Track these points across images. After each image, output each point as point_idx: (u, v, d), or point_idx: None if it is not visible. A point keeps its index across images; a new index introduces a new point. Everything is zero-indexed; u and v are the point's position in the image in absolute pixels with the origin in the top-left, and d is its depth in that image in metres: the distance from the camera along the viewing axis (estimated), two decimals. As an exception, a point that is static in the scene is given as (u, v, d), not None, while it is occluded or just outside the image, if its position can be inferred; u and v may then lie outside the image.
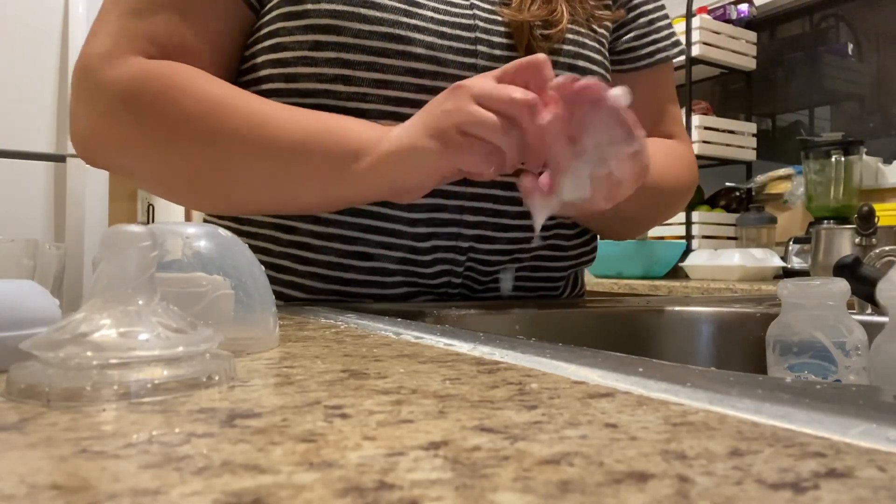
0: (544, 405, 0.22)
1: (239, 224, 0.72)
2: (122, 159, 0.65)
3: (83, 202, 2.21)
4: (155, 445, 0.18)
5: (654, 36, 0.81)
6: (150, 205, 2.41)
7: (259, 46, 0.67)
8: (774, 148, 2.28)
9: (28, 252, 0.41)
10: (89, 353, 0.24)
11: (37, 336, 0.25)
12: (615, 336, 0.68)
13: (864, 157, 1.87)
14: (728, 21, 2.17)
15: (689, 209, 2.04)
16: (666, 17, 0.83)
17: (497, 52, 0.67)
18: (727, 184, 2.21)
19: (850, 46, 2.15)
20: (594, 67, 0.72)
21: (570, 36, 0.70)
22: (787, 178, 2.06)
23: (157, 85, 0.60)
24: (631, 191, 0.58)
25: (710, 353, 0.68)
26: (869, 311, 0.63)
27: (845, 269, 0.55)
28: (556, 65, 0.69)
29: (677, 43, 0.83)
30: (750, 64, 2.19)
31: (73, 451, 0.17)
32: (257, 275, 0.38)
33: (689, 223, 2.03)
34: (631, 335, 0.68)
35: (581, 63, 0.71)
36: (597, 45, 0.74)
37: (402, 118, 0.62)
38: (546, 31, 0.68)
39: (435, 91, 0.63)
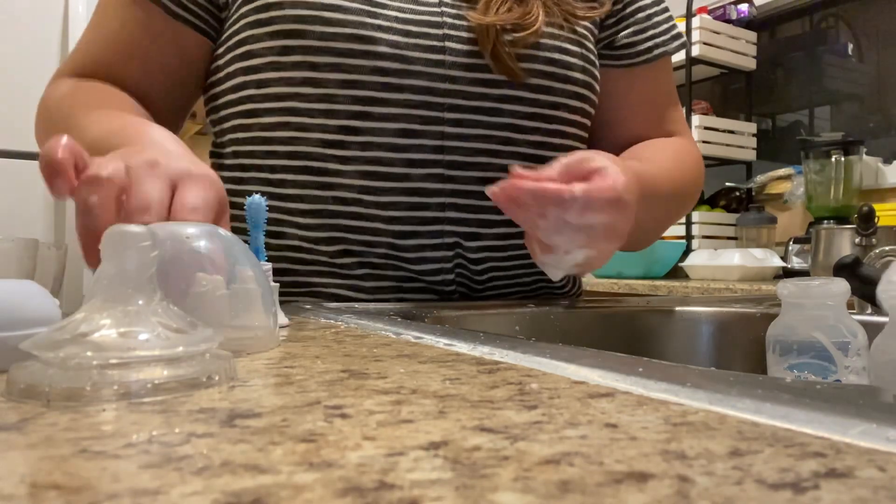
0: (544, 405, 0.22)
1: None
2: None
3: (83, 202, 2.21)
4: (155, 445, 0.18)
5: (653, 31, 0.80)
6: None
7: (230, 54, 0.68)
8: (774, 148, 2.28)
9: (28, 252, 0.41)
10: (89, 353, 0.24)
11: (37, 336, 0.25)
12: (615, 336, 0.68)
13: (864, 157, 1.87)
14: (728, 21, 2.17)
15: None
16: (665, 10, 0.82)
17: (467, 47, 0.66)
18: (727, 184, 2.21)
19: (850, 46, 2.15)
20: (574, 60, 0.71)
21: (545, 41, 0.69)
22: (787, 178, 2.06)
23: (59, 96, 0.66)
24: (614, 241, 0.57)
25: (710, 353, 0.68)
26: (869, 311, 0.63)
27: (845, 269, 0.55)
28: (532, 59, 0.68)
29: (678, 36, 0.81)
30: (750, 64, 2.19)
31: (73, 451, 0.17)
32: (258, 275, 0.38)
33: (689, 223, 2.03)
34: (631, 335, 0.68)
35: (559, 56, 0.70)
36: (576, 39, 0.72)
37: (370, 117, 0.64)
38: (515, 35, 0.67)
39: (402, 89, 0.64)
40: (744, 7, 2.18)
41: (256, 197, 0.45)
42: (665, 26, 0.80)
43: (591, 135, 0.80)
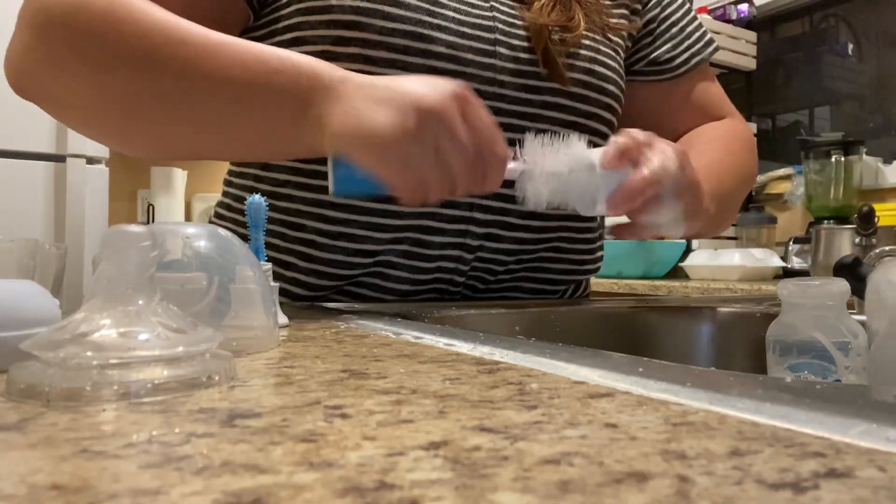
0: (544, 405, 0.22)
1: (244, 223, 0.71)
2: (54, 86, 0.59)
3: (83, 202, 2.21)
4: (155, 445, 0.18)
5: (688, 42, 0.83)
6: (150, 205, 2.41)
7: (276, 39, 0.66)
8: (774, 148, 2.28)
9: (28, 252, 0.41)
10: (89, 353, 0.24)
11: (37, 336, 0.25)
12: (615, 336, 0.68)
13: (864, 157, 1.87)
14: (728, 21, 2.17)
15: (689, 209, 2.04)
16: (695, 18, 0.85)
17: (516, 53, 0.68)
18: (727, 184, 2.21)
19: (850, 46, 2.15)
20: (609, 73, 0.74)
21: (585, 42, 0.72)
22: (787, 178, 2.06)
23: (99, 4, 0.54)
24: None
25: (710, 353, 0.68)
26: (869, 311, 0.62)
27: (845, 269, 0.55)
28: (572, 68, 0.70)
29: (710, 42, 0.84)
30: (750, 64, 2.19)
31: (73, 451, 0.17)
32: (258, 275, 0.38)
33: (689, 223, 2.03)
34: (631, 335, 0.68)
35: (598, 68, 0.72)
36: (612, 53, 0.75)
37: None
38: (563, 36, 0.69)
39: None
40: (744, 7, 2.18)
41: (256, 197, 0.45)
42: (697, 34, 0.84)
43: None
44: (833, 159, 1.83)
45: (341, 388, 0.25)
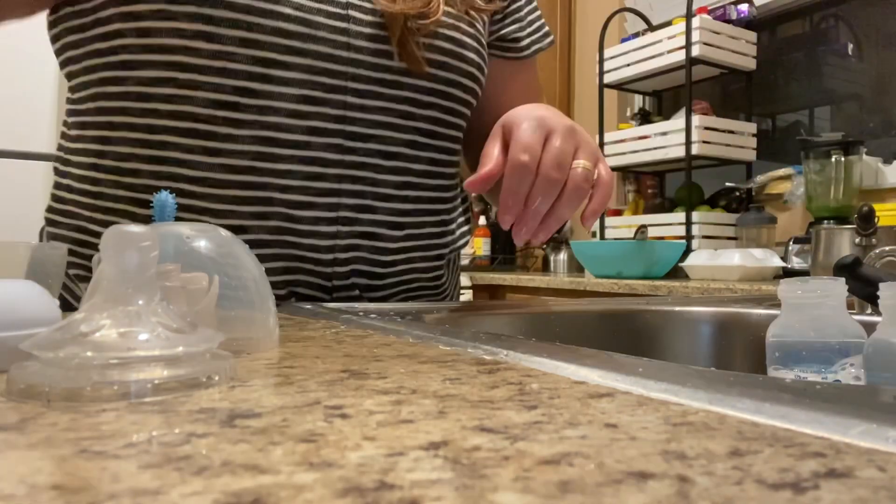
0: (544, 405, 0.22)
1: (94, 199, 0.66)
2: None
3: (83, 202, 2.21)
4: (155, 445, 0.18)
5: (530, 28, 0.84)
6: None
7: None
8: (774, 148, 2.28)
9: (28, 252, 0.41)
10: (89, 353, 0.24)
11: (37, 336, 0.25)
12: (615, 336, 0.68)
13: (864, 157, 1.87)
14: (728, 21, 2.17)
15: (689, 209, 2.04)
16: (536, 9, 0.86)
17: (370, 17, 0.65)
18: (727, 184, 2.21)
19: (850, 46, 2.15)
20: (470, 54, 0.72)
21: (443, 31, 0.69)
22: (787, 178, 2.06)
23: None
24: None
25: (710, 353, 0.68)
26: (869, 311, 0.63)
27: (845, 269, 0.55)
28: (430, 48, 0.68)
29: (548, 34, 0.86)
30: (750, 64, 2.19)
31: (73, 451, 0.17)
32: (257, 275, 0.38)
33: (689, 223, 2.03)
34: (631, 335, 0.68)
35: (455, 48, 0.70)
36: (471, 30, 0.73)
37: (270, 80, 0.61)
38: (420, 22, 0.67)
39: (305, 53, 0.62)
40: (744, 7, 2.18)
41: (164, 193, 0.41)
42: (538, 23, 0.85)
43: (474, 119, 0.82)
44: (833, 159, 1.83)
45: (341, 388, 0.25)
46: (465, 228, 0.81)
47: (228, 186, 0.62)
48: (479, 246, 2.69)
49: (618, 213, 2.45)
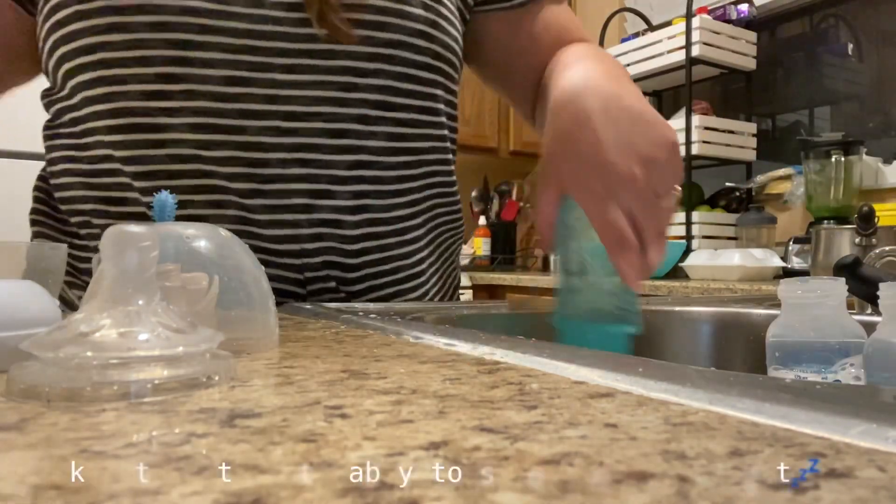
0: (544, 405, 0.22)
1: (69, 204, 0.66)
2: None
3: (83, 202, 2.21)
4: (155, 445, 0.18)
5: None
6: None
7: (42, 15, 0.63)
8: (774, 148, 2.28)
9: (28, 252, 0.41)
10: (89, 353, 0.24)
11: (37, 336, 0.25)
12: (615, 336, 0.68)
13: (864, 157, 1.87)
14: (728, 21, 2.17)
15: (689, 209, 2.04)
16: None
17: None
18: (727, 184, 2.21)
19: (850, 46, 2.15)
20: (415, 10, 0.65)
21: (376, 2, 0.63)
22: (787, 178, 2.06)
23: None
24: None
25: (710, 353, 0.68)
26: (869, 311, 0.63)
27: (845, 269, 0.55)
28: (362, 8, 0.62)
29: None
30: (750, 64, 2.19)
31: (73, 451, 0.17)
32: (257, 275, 0.38)
33: (689, 223, 2.03)
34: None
35: (394, 19, 0.64)
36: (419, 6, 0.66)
37: (190, 63, 0.58)
38: (346, 1, 0.62)
39: (220, 31, 0.58)
40: (744, 7, 2.18)
41: (164, 193, 0.40)
42: None
43: (504, 82, 0.77)
44: (833, 159, 1.83)
45: (341, 388, 0.25)
46: (453, 207, 0.76)
47: (181, 177, 0.60)
48: (479, 246, 2.69)
49: (618, 213, 2.44)
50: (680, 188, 0.51)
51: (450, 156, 0.74)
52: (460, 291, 0.87)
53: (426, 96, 0.68)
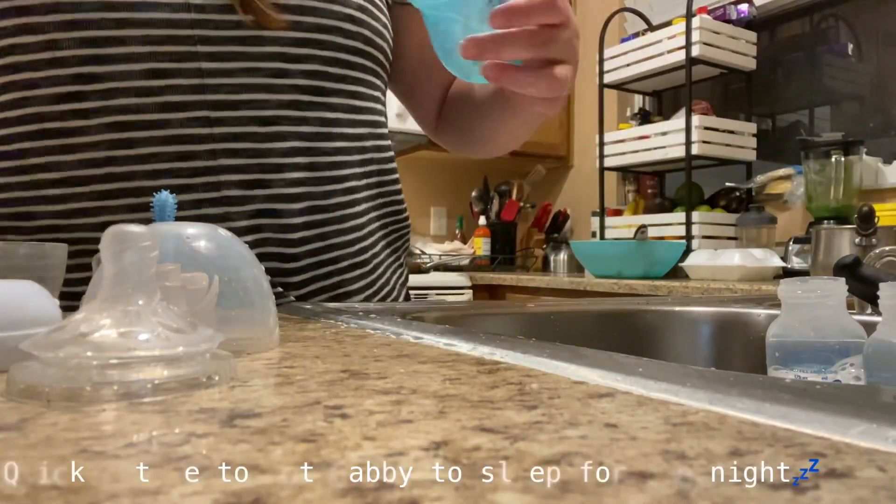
0: (544, 405, 0.22)
1: None
2: None
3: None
4: (155, 445, 0.18)
5: None
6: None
7: None
8: (774, 148, 2.28)
9: (28, 252, 0.41)
10: (89, 353, 0.24)
11: (37, 336, 0.25)
12: (615, 336, 0.68)
13: (864, 157, 1.87)
14: (728, 21, 2.17)
15: (689, 209, 2.04)
16: None
17: None
18: (727, 184, 2.21)
19: (850, 46, 2.15)
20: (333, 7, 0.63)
21: None
22: (787, 178, 2.06)
23: None
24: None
25: (710, 353, 0.68)
26: (869, 311, 0.63)
27: (845, 269, 0.55)
28: (286, 9, 0.60)
29: None
30: (750, 64, 2.19)
31: (73, 451, 0.17)
32: (257, 275, 0.38)
33: (689, 223, 2.03)
34: (631, 335, 0.68)
35: (323, 4, 0.63)
36: None
37: (108, 60, 0.56)
38: None
39: (139, 24, 0.56)
40: (744, 7, 2.18)
41: (164, 193, 0.38)
42: None
43: (414, 81, 0.77)
44: (833, 159, 1.83)
45: (341, 388, 0.25)
46: (395, 197, 0.74)
47: (91, 182, 0.58)
48: (479, 246, 2.69)
49: (618, 213, 2.45)
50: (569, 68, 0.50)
51: (386, 142, 0.73)
52: (460, 291, 0.86)
53: (358, 81, 0.67)
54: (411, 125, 1.05)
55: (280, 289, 0.64)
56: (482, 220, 2.75)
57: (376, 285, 0.72)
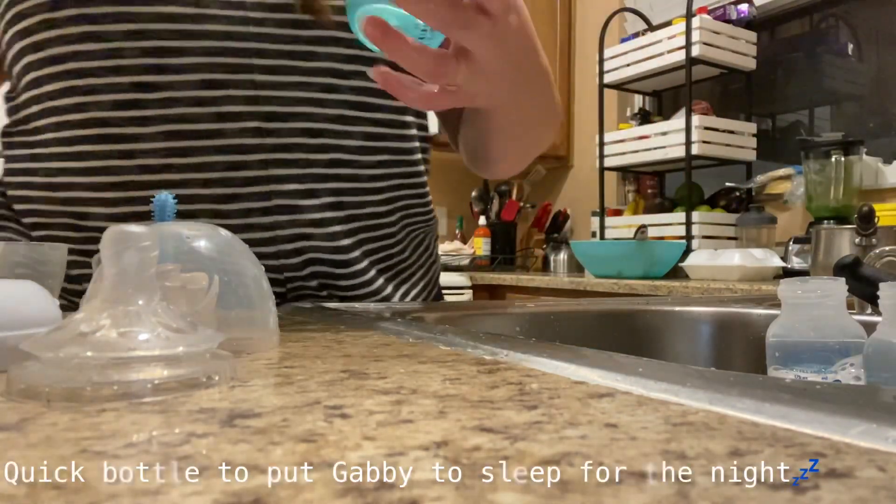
0: (544, 405, 0.22)
1: (29, 217, 0.65)
2: None
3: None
4: (155, 445, 0.18)
5: None
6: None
7: (4, 21, 0.62)
8: (774, 148, 2.28)
9: (28, 252, 0.41)
10: (89, 353, 0.24)
11: (37, 336, 0.25)
12: (615, 336, 0.68)
13: (864, 157, 1.87)
14: (728, 21, 2.17)
15: (689, 209, 2.04)
16: None
17: None
18: (727, 184, 2.21)
19: (850, 46, 2.15)
20: None
21: None
22: (787, 178, 2.06)
23: None
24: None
25: (710, 353, 0.68)
26: (869, 311, 0.63)
27: (845, 269, 0.55)
28: (340, 10, 0.61)
29: None
30: (750, 64, 2.19)
31: (73, 451, 0.17)
32: (257, 275, 0.38)
33: (689, 223, 2.03)
34: (631, 335, 0.68)
35: None
36: None
37: (166, 70, 0.58)
38: None
39: (198, 35, 0.58)
40: (744, 7, 2.18)
41: (164, 194, 0.39)
42: None
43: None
44: (833, 159, 1.83)
45: (341, 388, 0.25)
46: (423, 199, 0.75)
47: (147, 187, 0.60)
48: (479, 246, 2.69)
49: (618, 213, 2.45)
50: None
51: (419, 155, 0.74)
52: (460, 291, 0.86)
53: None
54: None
55: (325, 293, 0.67)
56: (482, 220, 2.75)
57: (411, 283, 0.75)
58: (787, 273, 1.78)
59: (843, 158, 1.82)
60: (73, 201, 0.62)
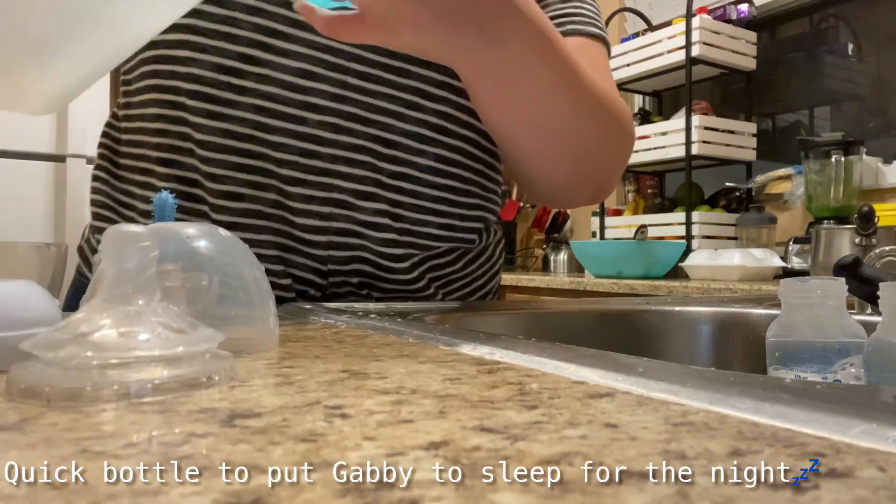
0: (544, 405, 0.22)
1: (119, 158, 0.69)
2: None
3: (83, 202, 2.21)
4: (155, 445, 0.18)
5: (567, 10, 0.73)
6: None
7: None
8: (774, 148, 2.28)
9: (28, 253, 0.41)
10: (89, 353, 0.24)
11: (37, 336, 0.25)
12: (615, 336, 0.68)
13: (864, 157, 1.87)
14: (728, 21, 2.17)
15: (689, 209, 2.04)
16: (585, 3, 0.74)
17: None
18: (727, 184, 2.21)
19: (850, 46, 2.15)
20: None
21: None
22: (787, 178, 2.06)
23: None
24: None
25: (710, 353, 0.68)
26: (869, 311, 0.63)
27: (845, 269, 0.55)
28: None
29: (591, 21, 0.74)
30: (750, 64, 2.19)
31: (73, 451, 0.17)
32: (257, 275, 0.38)
33: (689, 223, 2.04)
34: (631, 335, 0.68)
35: None
36: None
37: (271, 49, 0.61)
38: None
39: (307, 26, 0.59)
40: (744, 7, 2.18)
41: (164, 193, 0.40)
42: (585, 11, 0.74)
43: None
44: (833, 159, 1.83)
45: (341, 388, 0.25)
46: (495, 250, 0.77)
47: (227, 152, 0.63)
48: (479, 246, 2.69)
49: (618, 213, 2.45)
50: None
51: (492, 184, 0.75)
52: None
53: (471, 127, 0.70)
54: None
55: (365, 292, 0.68)
56: (482, 220, 2.75)
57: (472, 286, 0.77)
58: (787, 273, 1.78)
59: (843, 158, 1.82)
60: (166, 147, 0.65)
